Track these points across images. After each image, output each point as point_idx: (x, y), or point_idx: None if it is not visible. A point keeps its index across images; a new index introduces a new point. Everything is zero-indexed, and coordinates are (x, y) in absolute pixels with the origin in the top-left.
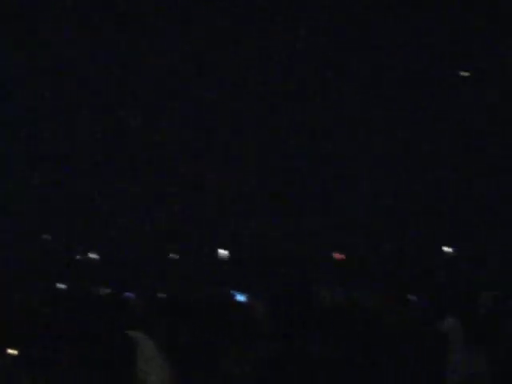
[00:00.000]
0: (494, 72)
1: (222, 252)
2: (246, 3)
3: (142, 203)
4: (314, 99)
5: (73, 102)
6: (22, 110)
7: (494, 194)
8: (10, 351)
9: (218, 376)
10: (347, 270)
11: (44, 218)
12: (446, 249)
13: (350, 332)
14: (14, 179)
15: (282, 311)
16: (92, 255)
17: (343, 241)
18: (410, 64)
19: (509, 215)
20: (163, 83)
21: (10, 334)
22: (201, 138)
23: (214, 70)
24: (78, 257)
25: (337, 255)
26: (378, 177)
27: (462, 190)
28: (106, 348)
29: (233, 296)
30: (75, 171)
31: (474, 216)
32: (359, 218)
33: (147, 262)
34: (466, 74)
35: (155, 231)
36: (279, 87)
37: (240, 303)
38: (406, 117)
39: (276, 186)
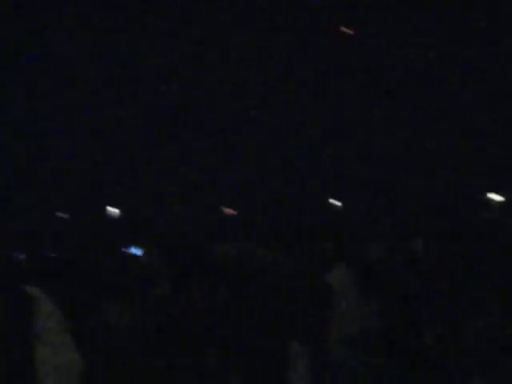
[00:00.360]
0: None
1: (112, 210)
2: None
3: (33, 162)
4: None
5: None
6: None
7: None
8: None
9: (104, 328)
10: (238, 225)
11: None
12: (333, 201)
13: (240, 283)
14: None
15: (176, 263)
16: None
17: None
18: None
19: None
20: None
21: None
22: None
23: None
24: None
25: (228, 210)
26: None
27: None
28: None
29: (127, 250)
30: None
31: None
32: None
33: (38, 221)
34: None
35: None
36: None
37: (134, 256)
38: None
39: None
